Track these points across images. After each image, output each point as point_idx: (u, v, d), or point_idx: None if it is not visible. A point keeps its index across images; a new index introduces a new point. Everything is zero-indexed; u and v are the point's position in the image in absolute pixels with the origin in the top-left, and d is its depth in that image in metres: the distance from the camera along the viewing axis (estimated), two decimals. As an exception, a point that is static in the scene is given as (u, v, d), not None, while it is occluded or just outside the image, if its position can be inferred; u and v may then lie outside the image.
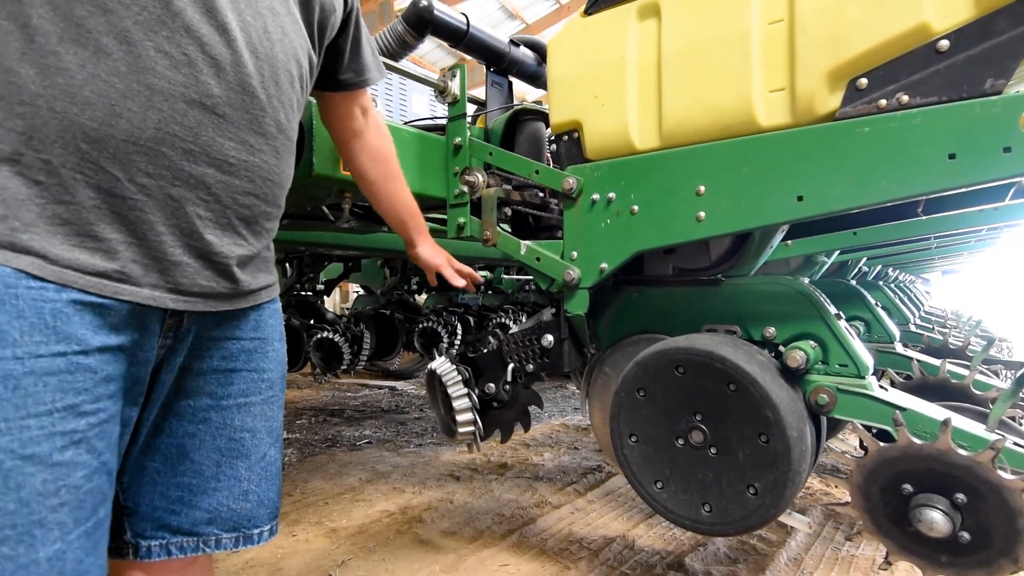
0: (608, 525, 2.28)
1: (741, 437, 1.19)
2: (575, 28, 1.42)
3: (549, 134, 1.78)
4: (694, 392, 1.24)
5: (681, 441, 1.27)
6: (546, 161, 1.75)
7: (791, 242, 1.87)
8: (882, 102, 1.05)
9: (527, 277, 4.91)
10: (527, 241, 1.53)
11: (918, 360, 1.83)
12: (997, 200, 1.46)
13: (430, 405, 4.61)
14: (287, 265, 3.79)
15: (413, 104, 3.26)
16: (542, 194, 1.80)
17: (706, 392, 1.23)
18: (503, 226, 1.72)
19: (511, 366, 1.61)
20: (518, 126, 1.73)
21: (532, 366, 1.59)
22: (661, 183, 1.28)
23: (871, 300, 2.00)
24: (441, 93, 1.61)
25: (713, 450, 1.23)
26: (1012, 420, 1.41)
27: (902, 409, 1.11)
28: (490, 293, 4.94)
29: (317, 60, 0.99)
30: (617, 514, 2.39)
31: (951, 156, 0.98)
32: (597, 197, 1.38)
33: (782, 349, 1.30)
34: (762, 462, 1.16)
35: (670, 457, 1.29)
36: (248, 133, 0.81)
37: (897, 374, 1.90)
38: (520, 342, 1.60)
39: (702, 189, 1.23)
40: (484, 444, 1.78)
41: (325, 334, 3.35)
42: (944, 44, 0.99)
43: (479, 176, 1.59)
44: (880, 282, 2.88)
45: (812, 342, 1.24)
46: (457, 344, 4.00)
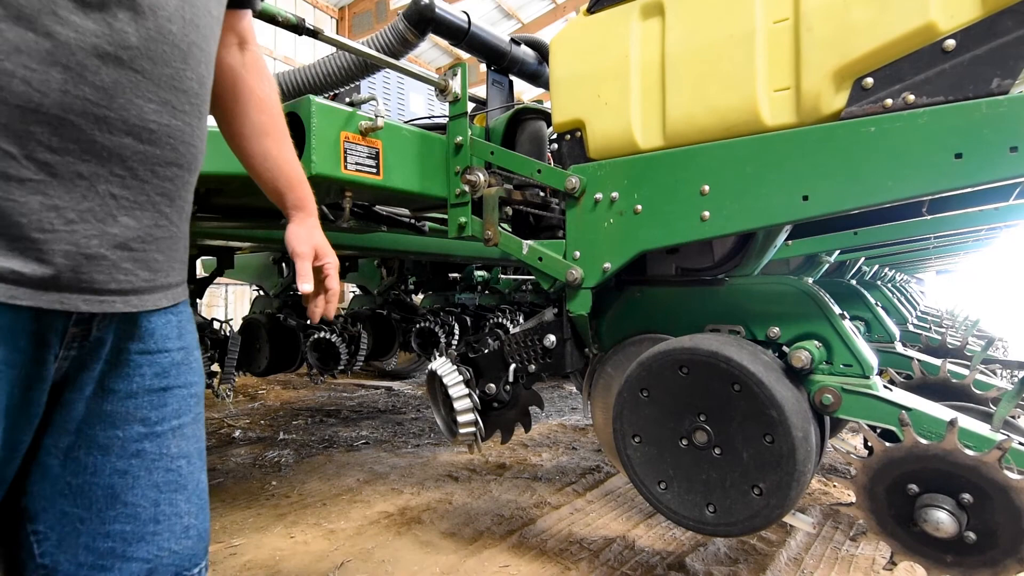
0: (608, 525, 2.27)
1: (746, 437, 1.18)
2: (578, 27, 1.42)
3: (550, 133, 1.77)
4: (698, 392, 1.24)
5: (685, 441, 1.27)
6: (547, 161, 1.75)
7: (791, 242, 1.87)
8: (888, 102, 1.05)
9: (524, 277, 4.91)
10: (529, 241, 1.52)
11: (919, 360, 1.84)
12: (999, 200, 1.47)
13: (430, 405, 4.60)
14: (283, 265, 3.77)
15: (411, 103, 3.25)
16: (543, 193, 1.80)
17: (710, 392, 1.22)
18: (503, 226, 1.71)
19: (513, 366, 1.61)
20: (519, 125, 1.72)
21: (534, 366, 1.58)
22: (665, 182, 1.28)
23: (871, 300, 2.01)
24: (442, 92, 1.60)
25: (717, 450, 1.23)
26: (1012, 419, 1.41)
27: (907, 409, 1.11)
28: (487, 293, 4.93)
29: None
30: (616, 514, 2.39)
31: (957, 156, 0.98)
32: (600, 196, 1.37)
33: (786, 349, 1.30)
34: (767, 462, 1.16)
35: (674, 458, 1.29)
36: (169, 91, 0.68)
37: (897, 373, 1.90)
38: (522, 342, 1.59)
39: (706, 189, 1.22)
40: (482, 444, 1.78)
41: (322, 334, 3.33)
42: (950, 44, 0.99)
43: (480, 175, 1.58)
44: (878, 282, 2.89)
45: (817, 342, 1.23)
46: (454, 344, 3.98)
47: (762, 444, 1.16)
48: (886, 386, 1.20)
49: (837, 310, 1.23)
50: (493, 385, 1.70)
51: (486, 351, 1.70)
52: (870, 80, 1.06)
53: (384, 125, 1.50)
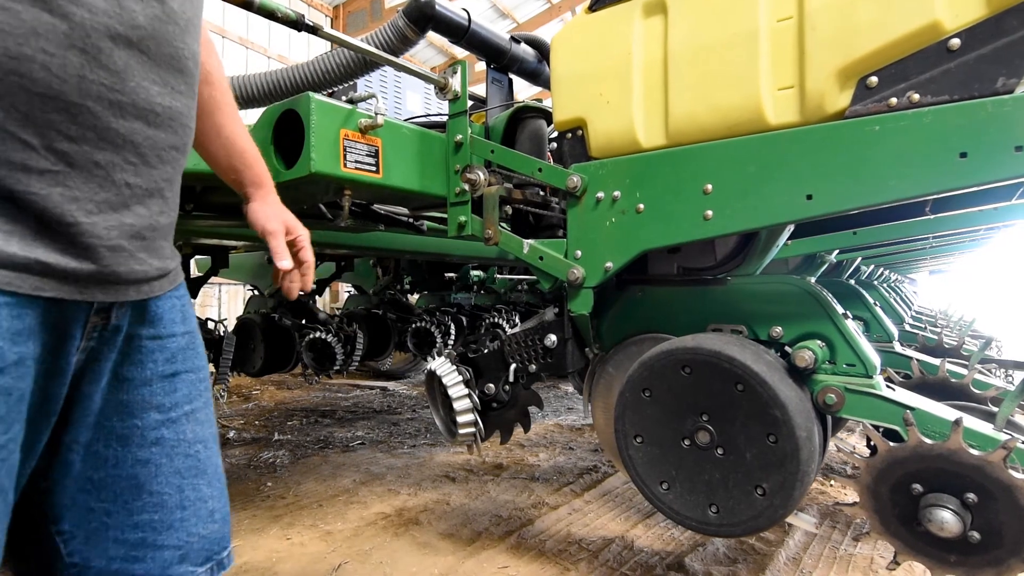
0: (606, 526, 2.27)
1: (749, 437, 1.18)
2: (580, 25, 1.41)
3: (550, 132, 1.76)
4: (701, 392, 1.23)
5: (687, 442, 1.26)
6: (547, 160, 1.74)
7: (791, 242, 1.87)
8: (892, 100, 1.04)
9: (520, 277, 4.90)
10: (529, 240, 1.51)
11: (917, 359, 1.84)
12: (999, 199, 1.47)
13: (426, 406, 4.58)
14: (278, 264, 3.73)
15: (408, 101, 3.23)
16: (542, 192, 1.79)
17: (713, 392, 1.22)
18: (502, 225, 1.70)
19: (513, 366, 1.60)
20: (519, 124, 1.71)
21: (535, 366, 1.57)
22: (667, 181, 1.27)
23: (870, 299, 2.01)
24: (442, 90, 1.59)
25: (720, 451, 1.22)
26: (1013, 419, 1.41)
27: (911, 409, 1.11)
28: (483, 293, 4.92)
29: None
30: (615, 514, 2.38)
31: (962, 155, 0.98)
32: (602, 195, 1.37)
33: (788, 349, 1.30)
34: (770, 462, 1.15)
35: (676, 458, 1.28)
36: (169, 72, 0.67)
37: (895, 373, 1.90)
38: (522, 342, 1.58)
39: (709, 187, 1.22)
40: (481, 445, 1.77)
41: (318, 334, 3.31)
42: (955, 43, 0.99)
43: (480, 174, 1.57)
44: (875, 281, 2.90)
45: (820, 342, 1.23)
46: (450, 344, 3.97)
47: (765, 444, 1.16)
48: (888, 385, 1.20)
49: (840, 309, 1.23)
50: (492, 385, 1.69)
51: (486, 351, 1.69)
52: (874, 79, 1.06)
53: (384, 123, 1.49)
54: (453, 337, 4.03)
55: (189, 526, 0.76)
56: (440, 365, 1.66)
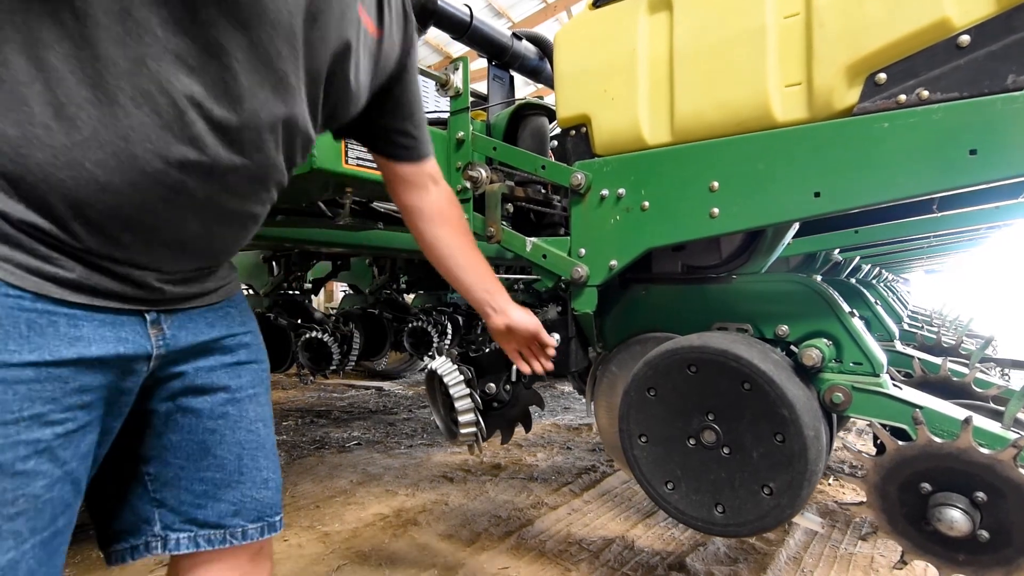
0: (606, 526, 2.26)
1: (756, 436, 1.17)
2: (583, 21, 1.39)
3: (552, 128, 1.75)
4: (707, 391, 1.22)
5: (693, 441, 1.25)
6: (548, 157, 1.72)
7: (791, 240, 1.86)
8: (901, 97, 1.03)
9: (516, 276, 4.88)
10: (532, 238, 1.50)
11: (919, 358, 1.85)
12: (1003, 198, 1.47)
13: (422, 406, 4.56)
14: (274, 263, 3.71)
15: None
16: (544, 190, 1.78)
17: (719, 391, 1.21)
18: (503, 223, 1.68)
19: (515, 366, 1.58)
20: (521, 121, 1.69)
21: (538, 365, 1.55)
22: (673, 179, 1.26)
23: (871, 298, 2.01)
24: (443, 86, 1.58)
25: (726, 450, 1.21)
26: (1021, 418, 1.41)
27: (920, 408, 1.10)
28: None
29: None
30: (615, 514, 2.38)
31: (972, 152, 0.97)
32: (606, 193, 1.35)
33: (793, 348, 1.29)
34: (778, 462, 1.15)
35: (681, 457, 1.27)
36: (260, 190, 0.83)
37: (896, 371, 1.90)
38: (525, 341, 1.56)
39: (716, 185, 1.21)
40: (482, 445, 1.75)
41: (314, 334, 3.29)
42: (965, 39, 0.98)
43: (482, 171, 1.55)
44: (872, 280, 2.90)
45: (826, 340, 1.22)
46: (447, 344, 3.95)
47: (773, 443, 1.15)
48: (895, 384, 1.20)
49: (847, 308, 1.22)
50: (493, 384, 1.68)
51: (487, 350, 1.67)
52: (883, 76, 1.05)
53: (385, 119, 1.47)
54: (450, 337, 4.01)
55: (245, 488, 0.91)
56: (441, 364, 1.65)
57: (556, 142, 1.79)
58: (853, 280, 2.42)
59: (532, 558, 1.98)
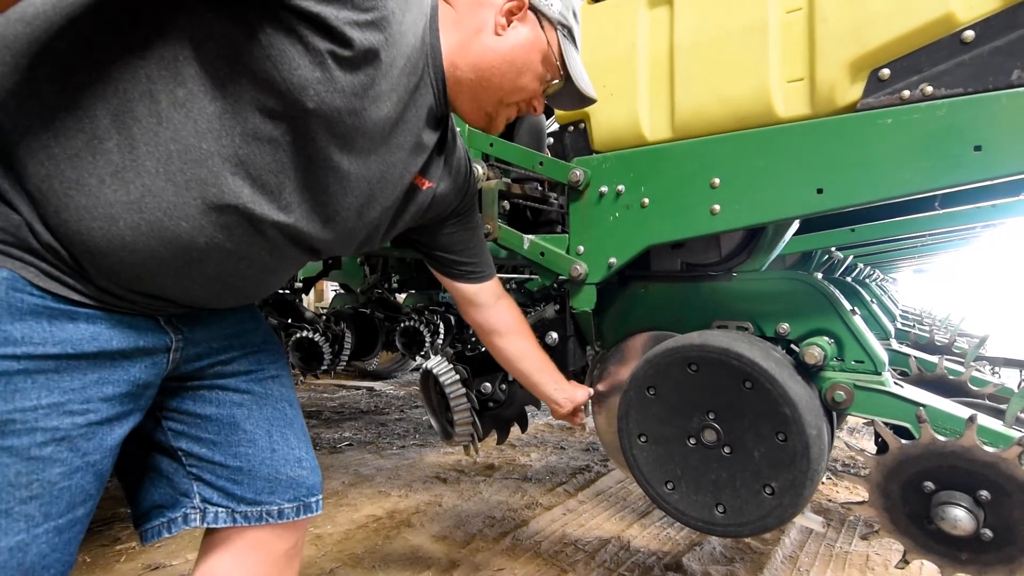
0: (602, 526, 2.25)
1: (757, 436, 1.16)
2: (582, 15, 1.37)
3: (549, 125, 1.73)
4: (708, 390, 1.21)
5: (693, 440, 1.24)
6: (546, 154, 1.70)
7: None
8: (905, 93, 1.03)
9: (508, 276, 4.85)
10: (529, 235, 1.48)
11: (915, 357, 1.85)
12: (1003, 196, 1.47)
13: (415, 406, 4.52)
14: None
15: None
16: (541, 187, 1.76)
17: (720, 390, 1.19)
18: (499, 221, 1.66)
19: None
20: (518, 117, 1.67)
21: (535, 364, 1.53)
22: (674, 175, 1.25)
23: (866, 296, 2.01)
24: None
25: (727, 449, 1.20)
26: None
27: (922, 406, 1.09)
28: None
29: None
30: (609, 514, 2.36)
31: (977, 148, 0.96)
32: (605, 190, 1.34)
33: (794, 347, 1.28)
34: (780, 461, 1.13)
35: (682, 457, 1.26)
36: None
37: (892, 370, 1.90)
38: (522, 340, 1.54)
39: (717, 181, 1.19)
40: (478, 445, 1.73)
41: (305, 333, 3.24)
42: (969, 35, 0.97)
43: (479, 168, 1.53)
44: (866, 279, 2.91)
45: (827, 338, 1.21)
46: (439, 343, 3.92)
47: (774, 442, 1.14)
48: (896, 382, 1.19)
49: (848, 305, 1.21)
50: (489, 384, 1.66)
51: (483, 349, 1.65)
52: (887, 71, 1.04)
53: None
54: (442, 337, 3.98)
55: (279, 465, 0.94)
56: (437, 364, 1.62)
57: (552, 139, 1.77)
58: (849, 279, 2.42)
59: (527, 559, 1.96)
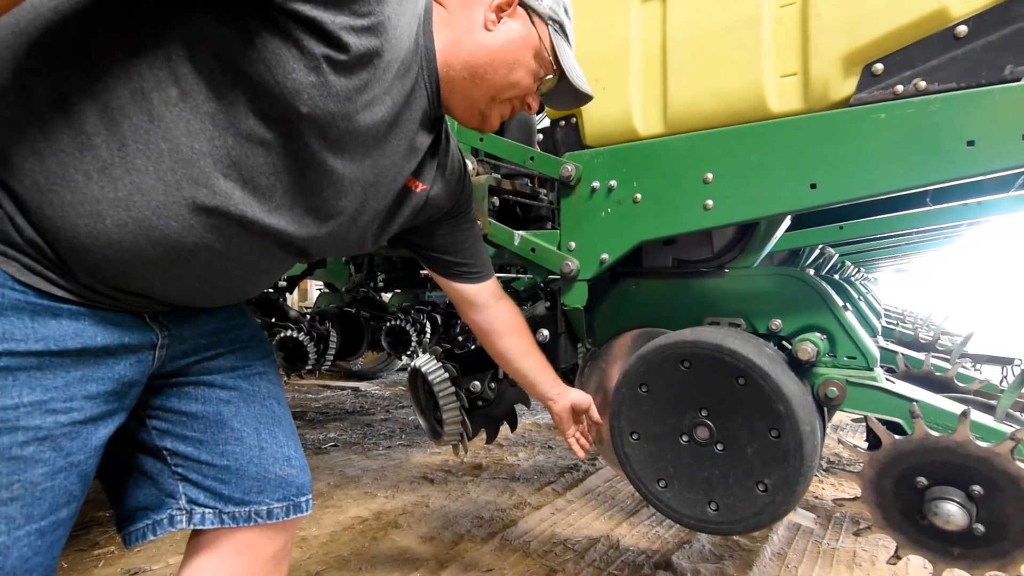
0: (591, 525, 2.23)
1: (751, 432, 1.15)
2: (574, 9, 1.36)
3: (539, 120, 1.72)
4: (700, 387, 1.20)
5: (686, 438, 1.23)
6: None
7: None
8: (899, 88, 1.03)
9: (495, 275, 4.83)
10: (520, 231, 1.46)
11: (902, 353, 1.86)
12: (992, 192, 1.48)
13: (403, 406, 4.48)
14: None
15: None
16: (531, 183, 1.74)
17: (713, 387, 1.18)
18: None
19: (503, 364, 1.54)
20: (508, 112, 1.65)
21: (526, 362, 1.51)
22: (666, 170, 1.24)
23: (854, 294, 2.02)
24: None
25: (720, 446, 1.19)
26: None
27: (915, 402, 1.09)
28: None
29: None
30: (598, 513, 2.35)
31: (970, 143, 0.96)
32: (597, 185, 1.32)
33: (786, 344, 1.28)
34: (773, 458, 1.13)
35: (674, 454, 1.25)
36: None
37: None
38: (512, 337, 1.52)
39: (710, 176, 1.18)
40: (467, 444, 1.70)
41: (289, 333, 3.19)
42: (962, 30, 0.97)
43: (469, 163, 1.51)
44: (851, 277, 2.94)
45: (820, 334, 1.21)
46: (426, 343, 3.89)
47: (768, 439, 1.13)
48: (888, 379, 1.19)
49: (840, 301, 1.21)
50: (478, 383, 1.64)
51: (472, 347, 1.63)
52: (880, 66, 1.04)
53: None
54: (428, 336, 3.95)
55: (267, 464, 0.92)
56: (425, 362, 1.60)
57: (542, 135, 1.75)
58: (836, 277, 2.44)
59: (517, 559, 1.94)
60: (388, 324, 3.88)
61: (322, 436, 3.59)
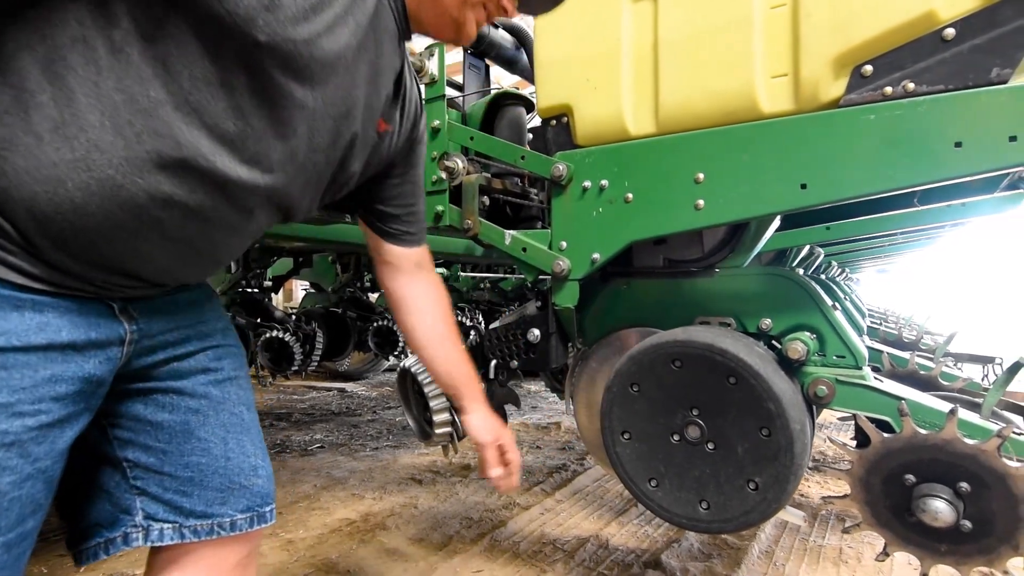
0: (580, 525, 2.23)
1: (741, 431, 1.16)
2: (565, 7, 1.35)
3: (529, 119, 1.71)
4: (691, 386, 1.20)
5: (677, 437, 1.23)
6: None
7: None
8: (887, 89, 1.04)
9: (482, 275, 4.82)
10: (511, 231, 1.45)
11: (888, 352, 1.89)
12: (977, 193, 1.51)
13: (390, 407, 4.45)
14: (232, 262, 3.55)
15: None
16: (521, 183, 1.73)
17: (704, 386, 1.19)
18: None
19: (493, 362, 1.53)
20: (499, 111, 1.65)
21: (516, 362, 1.51)
22: (658, 170, 1.24)
23: (840, 294, 2.05)
24: (418, 73, 1.51)
25: (711, 445, 1.19)
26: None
27: (904, 400, 1.10)
28: (445, 291, 4.80)
29: None
30: (587, 513, 2.35)
31: (957, 144, 0.98)
32: (588, 184, 1.32)
33: (775, 342, 1.29)
34: (763, 456, 1.13)
35: (665, 454, 1.25)
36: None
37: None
38: (503, 337, 1.52)
39: (701, 176, 1.19)
40: (457, 445, 1.69)
41: (275, 333, 3.15)
42: (950, 32, 0.98)
43: (459, 162, 1.50)
44: (836, 277, 2.97)
45: (809, 333, 1.22)
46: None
47: (759, 438, 1.13)
48: (877, 377, 1.20)
49: (829, 301, 1.22)
50: (468, 383, 1.63)
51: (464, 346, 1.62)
52: (869, 68, 1.05)
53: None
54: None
55: (232, 475, 0.87)
56: (415, 362, 1.59)
57: (533, 135, 1.75)
58: (823, 276, 2.47)
59: (506, 560, 1.94)
60: (375, 324, 3.86)
61: (308, 437, 3.55)
